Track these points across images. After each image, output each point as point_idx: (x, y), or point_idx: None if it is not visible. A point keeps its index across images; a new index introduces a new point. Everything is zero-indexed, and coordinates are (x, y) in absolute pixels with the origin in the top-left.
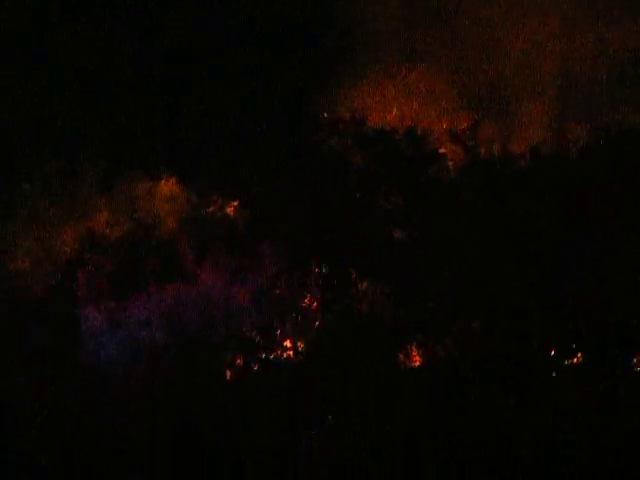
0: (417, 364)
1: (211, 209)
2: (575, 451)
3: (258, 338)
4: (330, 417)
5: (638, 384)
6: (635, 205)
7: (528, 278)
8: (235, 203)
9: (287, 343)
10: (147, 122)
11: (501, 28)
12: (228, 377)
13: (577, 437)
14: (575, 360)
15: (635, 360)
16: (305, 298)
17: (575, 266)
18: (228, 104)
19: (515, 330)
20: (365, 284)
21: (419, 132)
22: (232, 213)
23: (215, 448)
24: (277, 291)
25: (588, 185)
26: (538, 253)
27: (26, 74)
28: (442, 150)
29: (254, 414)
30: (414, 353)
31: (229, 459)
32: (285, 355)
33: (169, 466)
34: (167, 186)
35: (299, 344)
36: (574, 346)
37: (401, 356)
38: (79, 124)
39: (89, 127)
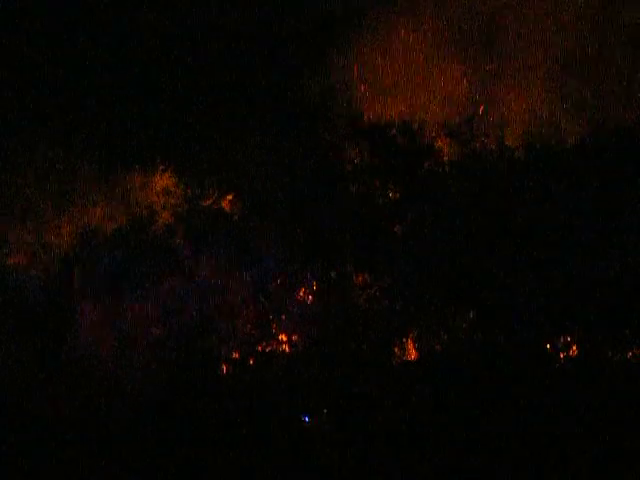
0: (413, 357)
1: (207, 202)
2: (571, 444)
3: (254, 332)
4: (325, 410)
5: (633, 377)
6: (633, 199)
7: (524, 271)
8: (230, 196)
9: (282, 337)
10: (141, 115)
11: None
12: (224, 371)
13: (573, 430)
14: (570, 353)
15: (630, 354)
16: (300, 291)
17: (572, 260)
18: (223, 95)
19: (511, 323)
20: (361, 278)
21: (415, 125)
22: (228, 206)
23: (211, 440)
24: (273, 285)
25: (585, 179)
26: (534, 246)
27: (21, 66)
28: (438, 144)
29: (250, 406)
30: (410, 347)
31: (225, 451)
32: (281, 349)
33: (164, 459)
34: (162, 180)
35: (294, 337)
36: (569, 339)
37: (397, 350)
38: (74, 117)
39: (84, 120)
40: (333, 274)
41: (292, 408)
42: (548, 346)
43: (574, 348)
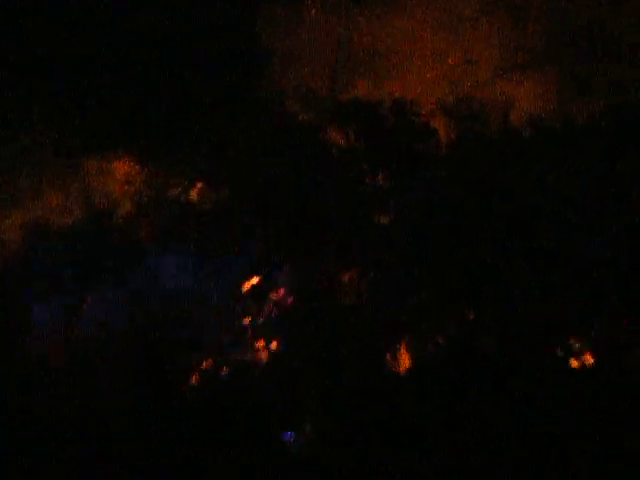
0: (406, 365)
1: (173, 192)
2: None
3: (227, 338)
4: (308, 425)
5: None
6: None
7: (525, 266)
8: (200, 185)
9: (260, 343)
10: (99, 95)
11: None
12: (193, 382)
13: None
14: (583, 362)
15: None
16: (279, 291)
17: (577, 252)
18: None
19: (513, 326)
20: (348, 275)
21: (408, 105)
22: (197, 196)
23: (184, 456)
24: (248, 284)
25: (592, 163)
26: (536, 238)
27: None
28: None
29: (224, 421)
30: (403, 353)
31: (200, 467)
32: (257, 357)
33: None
34: (124, 167)
35: (273, 344)
36: (578, 345)
37: (389, 356)
38: (27, 101)
39: (37, 103)
40: (316, 272)
41: (270, 424)
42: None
43: (588, 356)
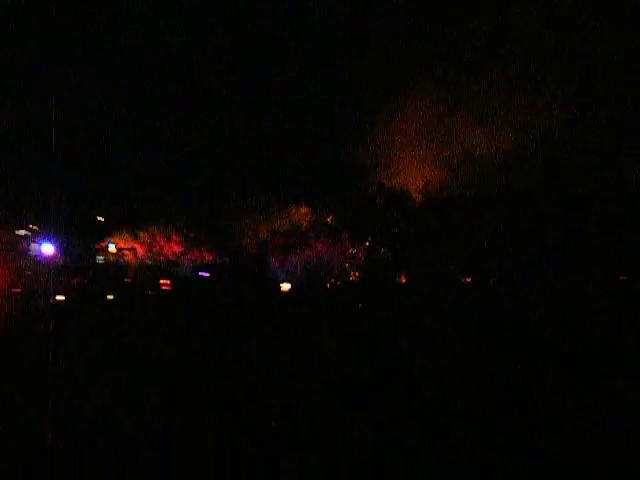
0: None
1: (319, 220)
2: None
3: (339, 272)
4: (360, 305)
5: None
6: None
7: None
8: (330, 218)
9: (353, 275)
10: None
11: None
12: (327, 287)
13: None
14: None
15: None
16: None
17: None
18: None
19: None
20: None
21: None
22: (330, 221)
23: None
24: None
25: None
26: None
27: None
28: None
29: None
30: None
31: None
32: (351, 279)
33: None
34: (305, 209)
35: (357, 275)
36: None
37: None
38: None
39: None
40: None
41: (350, 302)
42: None
43: None
